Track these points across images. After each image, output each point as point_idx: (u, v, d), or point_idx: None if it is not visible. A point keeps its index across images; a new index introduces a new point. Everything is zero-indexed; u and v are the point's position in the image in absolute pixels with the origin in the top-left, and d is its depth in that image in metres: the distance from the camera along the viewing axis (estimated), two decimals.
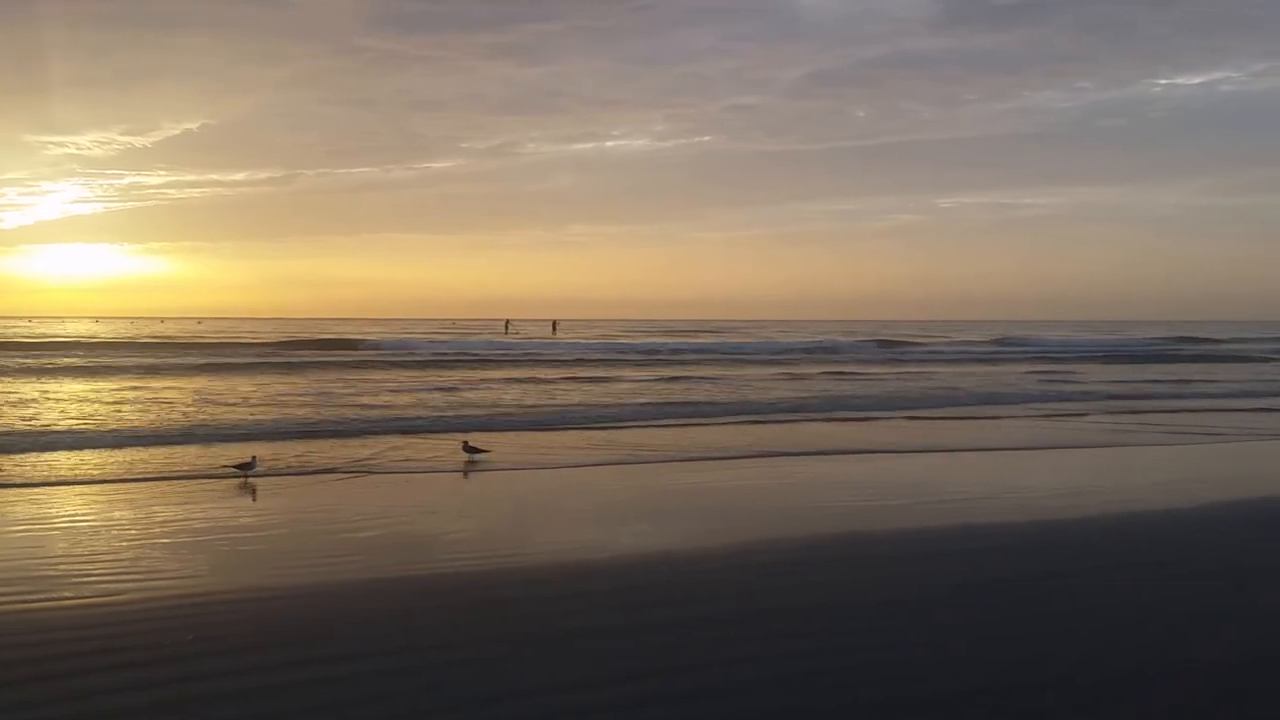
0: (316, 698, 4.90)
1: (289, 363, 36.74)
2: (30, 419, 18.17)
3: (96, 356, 39.18)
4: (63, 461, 13.50)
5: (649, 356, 44.85)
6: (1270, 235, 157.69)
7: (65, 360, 36.43)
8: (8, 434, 15.91)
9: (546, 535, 9.21)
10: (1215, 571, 7.49)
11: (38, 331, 71.12)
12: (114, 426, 17.08)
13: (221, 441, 15.45)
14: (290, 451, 14.42)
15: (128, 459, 13.71)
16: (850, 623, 6.19)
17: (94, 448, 14.66)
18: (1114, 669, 5.30)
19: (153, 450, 14.50)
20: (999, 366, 39.26)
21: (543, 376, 31.19)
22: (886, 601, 6.66)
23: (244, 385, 26.47)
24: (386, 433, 16.90)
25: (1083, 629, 6.00)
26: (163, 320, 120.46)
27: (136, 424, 17.52)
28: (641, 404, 22.40)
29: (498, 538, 9.10)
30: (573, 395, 24.64)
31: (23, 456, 13.81)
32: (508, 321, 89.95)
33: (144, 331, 72.81)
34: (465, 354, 43.98)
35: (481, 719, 4.68)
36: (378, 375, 31.25)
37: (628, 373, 33.89)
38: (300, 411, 19.98)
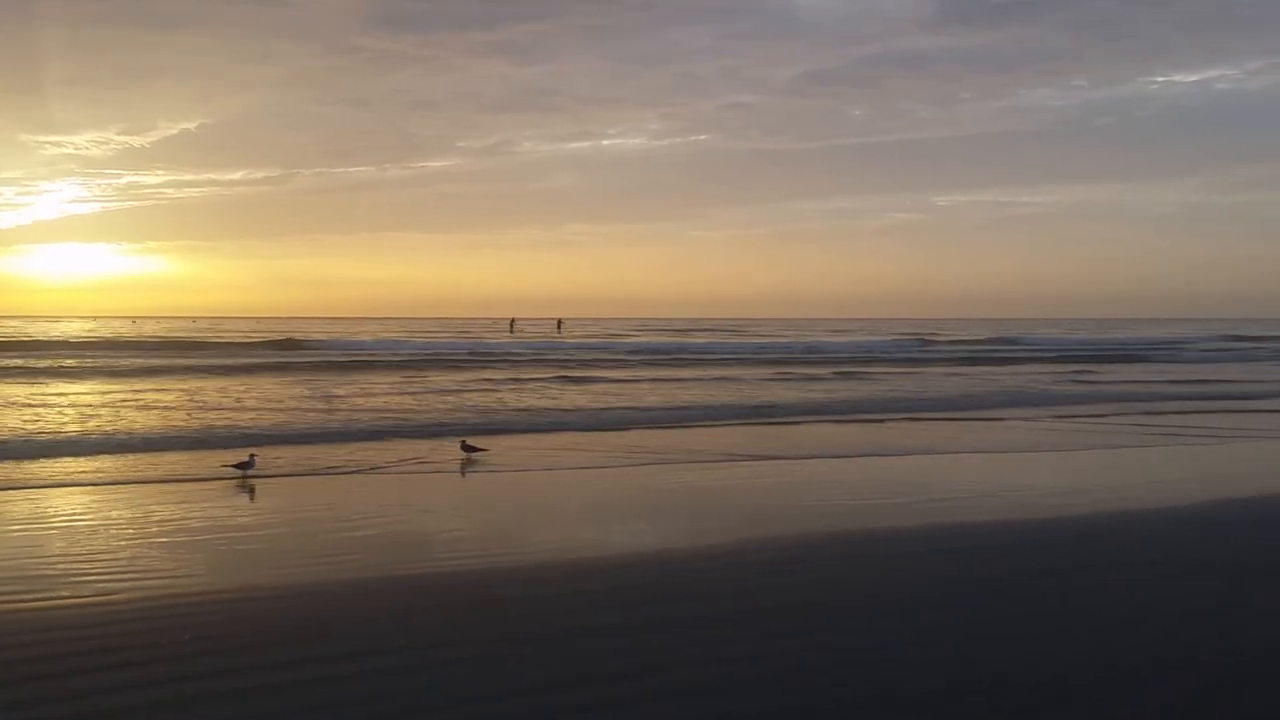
0: (315, 697, 4.92)
1: (287, 363, 36.69)
2: (21, 423, 18.17)
3: (80, 358, 38.77)
4: (59, 462, 13.51)
5: (645, 356, 44.82)
6: (1268, 233, 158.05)
7: (44, 363, 35.91)
8: None
9: (545, 534, 9.23)
10: (1209, 571, 7.50)
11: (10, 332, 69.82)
12: (107, 428, 17.08)
13: (218, 443, 15.44)
14: (287, 453, 14.43)
15: (123, 459, 13.72)
16: (846, 621, 6.21)
17: (88, 449, 14.66)
18: (1107, 668, 5.32)
19: (148, 451, 14.51)
20: (1003, 367, 39.20)
21: (544, 376, 31.23)
22: (882, 600, 6.68)
23: (237, 387, 26.45)
24: (386, 434, 16.89)
25: (1077, 628, 6.01)
26: (134, 320, 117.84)
27: (130, 425, 17.53)
28: (641, 405, 22.34)
29: (496, 537, 9.12)
30: (574, 396, 24.63)
31: (17, 461, 13.82)
32: (512, 320, 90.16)
33: (124, 332, 71.79)
34: (467, 354, 43.97)
35: (481, 717, 4.70)
36: (378, 376, 31.23)
37: (627, 373, 33.89)
38: (299, 414, 20.00)
